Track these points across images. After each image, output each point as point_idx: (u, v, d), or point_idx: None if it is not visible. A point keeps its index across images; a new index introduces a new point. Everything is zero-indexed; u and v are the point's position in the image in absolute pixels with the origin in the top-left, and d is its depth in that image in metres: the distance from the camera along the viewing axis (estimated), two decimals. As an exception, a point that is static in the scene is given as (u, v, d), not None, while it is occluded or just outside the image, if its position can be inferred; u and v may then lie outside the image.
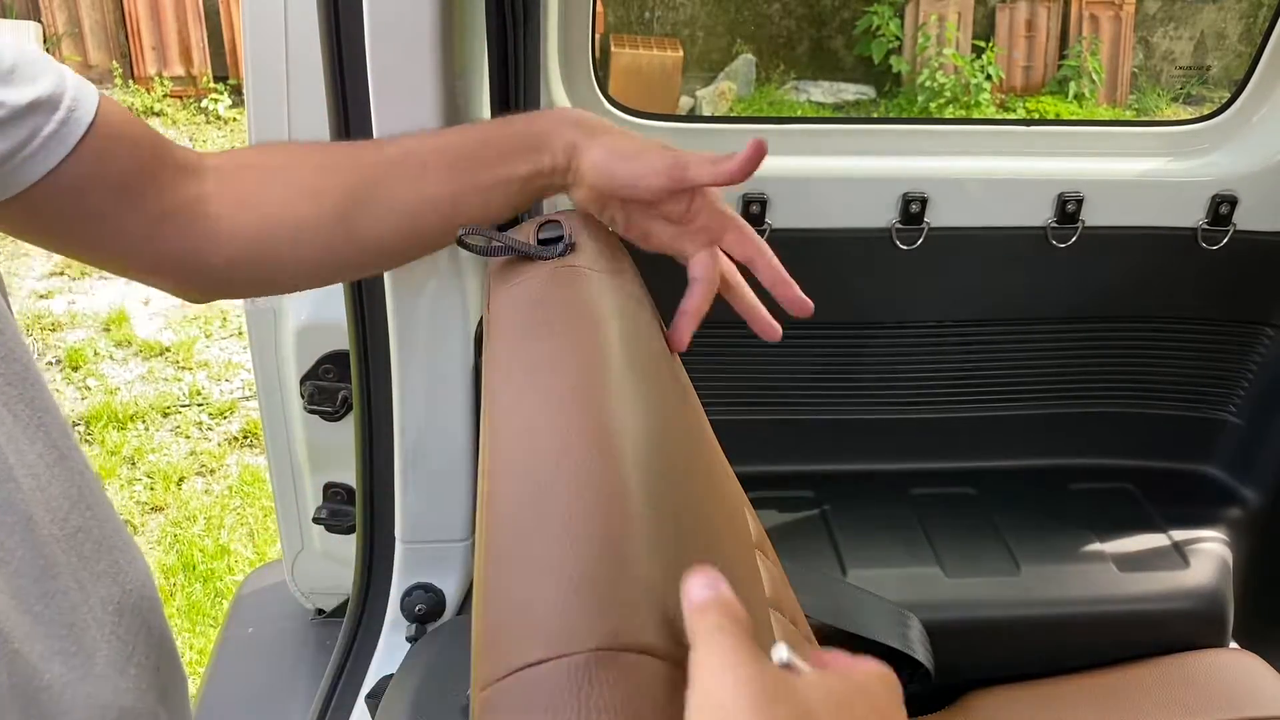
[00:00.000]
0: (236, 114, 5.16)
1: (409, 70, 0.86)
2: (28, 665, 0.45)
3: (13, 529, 0.47)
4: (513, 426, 0.61)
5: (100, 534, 0.53)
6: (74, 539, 0.51)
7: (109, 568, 0.53)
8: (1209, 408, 1.55)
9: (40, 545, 0.48)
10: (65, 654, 0.47)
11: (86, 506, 0.53)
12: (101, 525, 0.54)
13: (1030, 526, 1.44)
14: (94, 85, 0.66)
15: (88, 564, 0.51)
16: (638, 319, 0.76)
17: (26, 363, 0.52)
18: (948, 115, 5.35)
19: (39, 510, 0.49)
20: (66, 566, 0.50)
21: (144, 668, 0.53)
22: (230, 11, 5.29)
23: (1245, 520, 1.51)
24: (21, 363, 0.52)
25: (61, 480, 0.51)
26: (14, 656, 0.44)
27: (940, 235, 1.38)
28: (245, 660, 1.32)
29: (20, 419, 0.50)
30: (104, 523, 0.54)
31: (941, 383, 1.51)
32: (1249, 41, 5.94)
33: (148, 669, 0.53)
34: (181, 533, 2.62)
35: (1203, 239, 1.42)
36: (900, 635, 1.21)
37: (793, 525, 1.44)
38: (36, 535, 0.48)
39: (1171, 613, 1.36)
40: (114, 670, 0.50)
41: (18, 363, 0.52)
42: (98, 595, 0.51)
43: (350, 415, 1.12)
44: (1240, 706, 1.25)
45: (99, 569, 0.52)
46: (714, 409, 0.96)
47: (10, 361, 0.51)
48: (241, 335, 3.34)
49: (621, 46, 5.46)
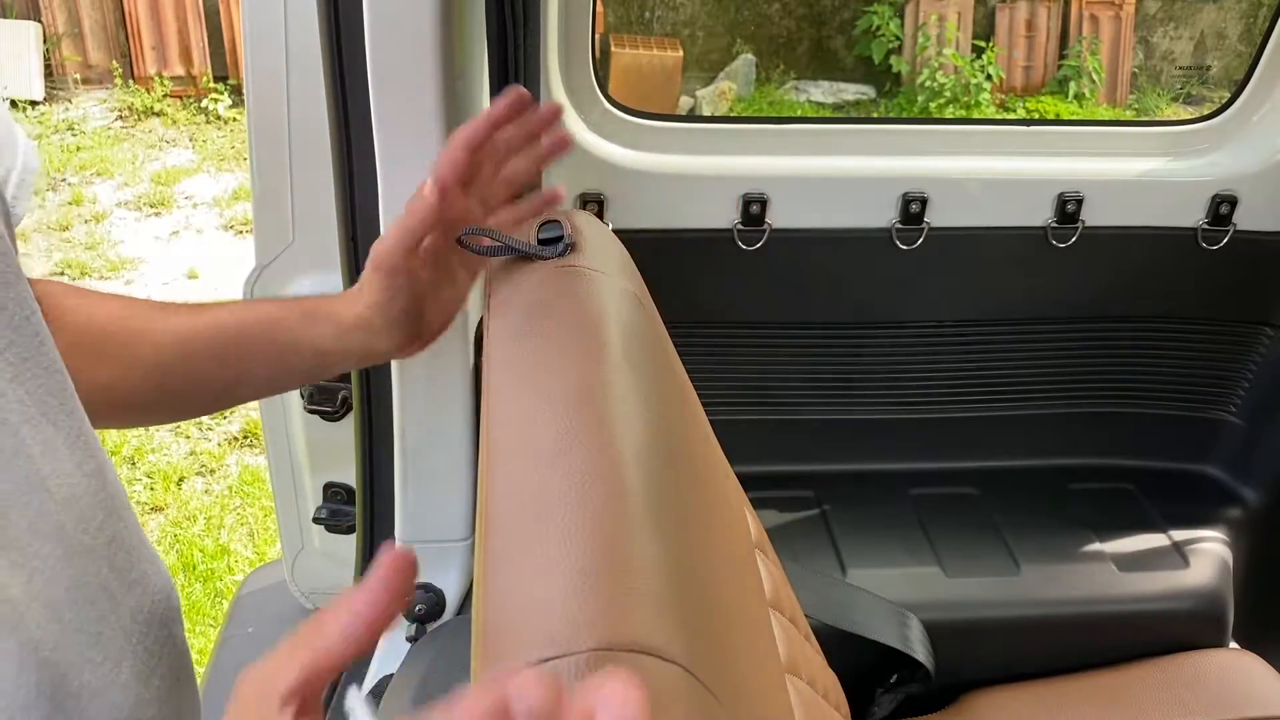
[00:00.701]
0: (236, 114, 5.16)
1: (409, 70, 0.86)
2: (57, 672, 0.45)
3: (46, 538, 0.48)
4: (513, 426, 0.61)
5: (131, 544, 0.54)
6: (107, 549, 0.51)
7: (139, 578, 0.53)
8: (1209, 408, 1.55)
9: (72, 555, 0.49)
10: (93, 663, 0.48)
11: (119, 518, 0.53)
12: (132, 536, 0.54)
13: (1030, 526, 1.44)
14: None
15: (119, 574, 0.52)
16: (637, 319, 0.76)
17: (66, 375, 0.53)
18: (948, 115, 5.35)
19: (71, 520, 0.49)
20: (97, 576, 0.50)
21: (166, 679, 0.53)
22: (230, 11, 5.29)
23: (1245, 520, 1.51)
24: (63, 374, 0.53)
25: (96, 491, 0.52)
26: (44, 664, 0.45)
27: (940, 235, 1.38)
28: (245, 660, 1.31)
29: (61, 429, 0.51)
30: (134, 533, 0.54)
31: (941, 383, 1.51)
32: (1249, 41, 5.93)
33: (169, 680, 0.53)
34: (181, 533, 2.62)
35: (1203, 239, 1.42)
36: (900, 635, 1.21)
37: (793, 525, 1.44)
38: (68, 545, 0.49)
39: (1171, 613, 1.36)
40: (138, 681, 0.51)
41: (59, 374, 0.53)
42: (127, 606, 0.52)
43: (350, 415, 1.12)
44: (1240, 706, 1.25)
45: (130, 579, 0.53)
46: (714, 409, 0.96)
47: (53, 373, 0.52)
48: (241, 335, 3.33)
49: (621, 46, 5.46)
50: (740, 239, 1.36)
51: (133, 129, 5.03)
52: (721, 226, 1.35)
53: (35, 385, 0.51)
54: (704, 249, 1.37)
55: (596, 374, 0.64)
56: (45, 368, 0.52)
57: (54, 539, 0.48)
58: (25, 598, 0.45)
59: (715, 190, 1.34)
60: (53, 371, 0.52)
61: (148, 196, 4.41)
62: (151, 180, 4.56)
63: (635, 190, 1.33)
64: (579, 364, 0.65)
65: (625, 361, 0.67)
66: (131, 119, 5.10)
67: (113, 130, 5.00)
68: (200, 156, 4.82)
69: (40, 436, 0.49)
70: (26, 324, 0.51)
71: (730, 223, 1.35)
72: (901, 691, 1.25)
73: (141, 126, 5.06)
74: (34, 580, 0.46)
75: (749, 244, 1.37)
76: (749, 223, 1.35)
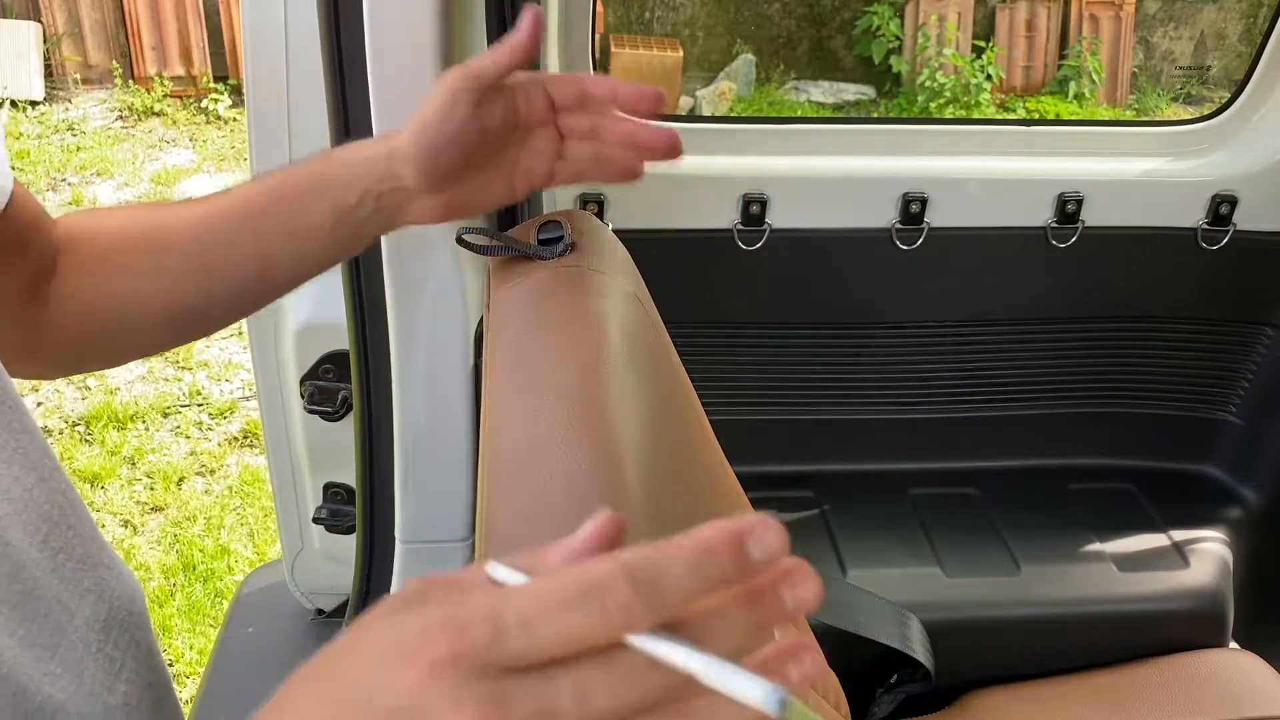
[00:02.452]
0: (236, 114, 5.16)
1: (409, 70, 0.86)
2: (18, 687, 0.45)
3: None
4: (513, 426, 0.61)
5: (84, 552, 0.53)
6: (55, 560, 0.51)
7: (94, 585, 0.52)
8: (1209, 408, 1.55)
9: (19, 569, 0.48)
10: (52, 675, 0.47)
11: (68, 526, 0.52)
12: (85, 544, 0.53)
13: (1030, 526, 1.44)
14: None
15: (70, 584, 0.51)
16: (637, 319, 0.77)
17: (4, 386, 0.52)
18: (948, 115, 5.35)
19: (16, 533, 0.49)
20: (49, 588, 0.49)
21: (134, 684, 0.52)
22: (230, 11, 5.29)
23: (1245, 520, 1.51)
24: (1, 378, 0.52)
25: (41, 502, 0.51)
26: (3, 681, 0.44)
27: (940, 235, 1.38)
28: (245, 660, 1.32)
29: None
30: (87, 541, 0.53)
31: (941, 383, 1.51)
32: (1249, 41, 5.94)
33: (138, 685, 0.53)
34: (181, 533, 2.62)
35: (1203, 239, 1.42)
36: (900, 635, 1.21)
37: (793, 525, 1.44)
38: (15, 559, 0.48)
39: (1171, 613, 1.36)
40: (103, 689, 0.50)
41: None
42: (83, 615, 0.51)
43: (350, 415, 1.12)
44: (1240, 706, 1.25)
45: (83, 587, 0.52)
46: (714, 409, 0.96)
47: None
48: (241, 335, 3.34)
49: (621, 46, 5.46)
50: (740, 239, 1.36)
51: (133, 129, 5.03)
52: (721, 226, 1.35)
53: None
54: (704, 249, 1.37)
55: (596, 374, 0.64)
56: None
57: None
58: None
59: (715, 190, 1.34)
60: None
61: (148, 197, 4.41)
62: (151, 180, 4.56)
63: (635, 190, 1.32)
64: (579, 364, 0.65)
65: (625, 361, 0.67)
66: (131, 119, 5.10)
67: (113, 130, 5.00)
68: (200, 156, 4.82)
69: None
70: None
71: (730, 223, 1.35)
72: (901, 691, 1.25)
73: (141, 126, 5.06)
74: None
75: (749, 244, 1.37)
76: (749, 223, 1.35)
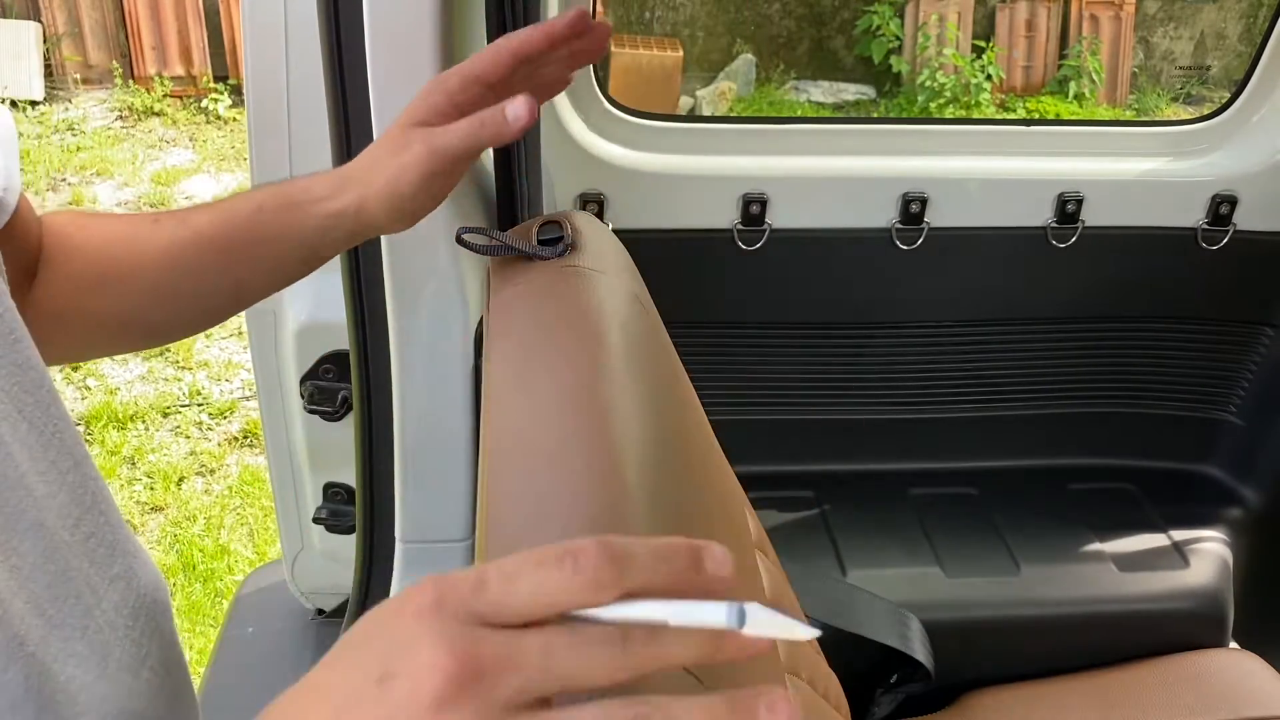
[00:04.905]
0: (236, 114, 5.16)
1: (409, 70, 0.86)
2: (43, 667, 0.45)
3: (25, 534, 0.48)
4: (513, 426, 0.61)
5: (113, 539, 0.54)
6: (86, 544, 0.52)
7: (122, 571, 0.54)
8: (1209, 408, 1.55)
9: (53, 550, 0.49)
10: (79, 656, 0.48)
11: (100, 513, 0.53)
12: (114, 531, 0.54)
13: (1030, 526, 1.44)
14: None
15: (100, 569, 0.52)
16: (637, 319, 0.77)
17: (43, 371, 0.53)
18: (948, 115, 5.35)
19: (51, 516, 0.50)
20: (79, 571, 0.50)
21: (156, 671, 0.53)
22: (230, 11, 5.28)
23: (1245, 520, 1.51)
24: (39, 370, 0.53)
25: (74, 487, 0.52)
26: (30, 659, 0.45)
27: (940, 235, 1.38)
28: (245, 660, 1.32)
29: (36, 426, 0.51)
30: (116, 529, 0.55)
31: (941, 383, 1.51)
32: (1249, 41, 5.93)
33: (159, 673, 0.54)
34: (181, 533, 2.62)
35: (1203, 239, 1.42)
36: (900, 635, 1.21)
37: (793, 525, 1.45)
38: (49, 541, 0.49)
39: (1171, 613, 1.36)
40: (128, 673, 0.51)
41: (35, 370, 0.53)
42: (111, 599, 0.52)
43: (350, 415, 1.12)
44: (1240, 706, 1.25)
45: (112, 573, 0.53)
46: (714, 409, 0.96)
47: (28, 369, 0.52)
48: (241, 335, 3.34)
49: (621, 46, 5.46)
50: (740, 239, 1.36)
51: (133, 129, 5.03)
52: (721, 226, 1.36)
53: (10, 382, 0.51)
54: (704, 249, 1.37)
55: (596, 374, 0.64)
56: (20, 364, 0.52)
57: (33, 535, 0.48)
58: (7, 594, 0.45)
59: (715, 190, 1.34)
60: (28, 368, 0.52)
61: (148, 197, 4.41)
62: (151, 180, 4.56)
63: (635, 190, 1.33)
64: (579, 364, 0.65)
65: (625, 361, 0.67)
66: (131, 119, 5.10)
67: (113, 130, 5.00)
68: (200, 156, 4.82)
69: (17, 433, 0.50)
70: (0, 321, 0.51)
71: (730, 223, 1.35)
72: (901, 691, 1.25)
73: (141, 126, 5.06)
74: (15, 576, 0.46)
75: (749, 244, 1.37)
76: (749, 223, 1.35)
